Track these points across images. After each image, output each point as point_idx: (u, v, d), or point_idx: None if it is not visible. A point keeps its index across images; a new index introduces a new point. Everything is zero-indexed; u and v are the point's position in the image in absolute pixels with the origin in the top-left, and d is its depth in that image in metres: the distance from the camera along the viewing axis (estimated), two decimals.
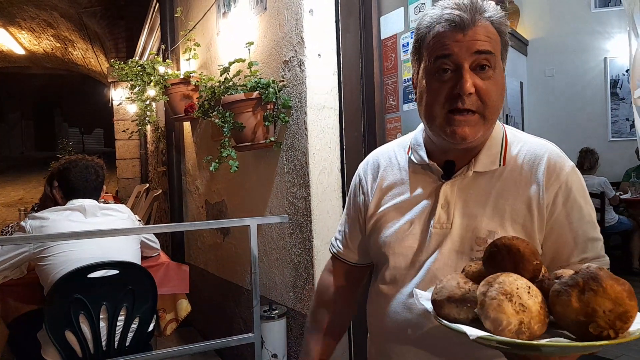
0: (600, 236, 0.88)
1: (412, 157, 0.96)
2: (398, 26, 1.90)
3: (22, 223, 1.86)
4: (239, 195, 2.68)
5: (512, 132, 0.93)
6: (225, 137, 2.13)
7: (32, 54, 9.93)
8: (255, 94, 2.07)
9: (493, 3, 0.87)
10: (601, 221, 4.46)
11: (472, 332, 0.61)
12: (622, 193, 4.86)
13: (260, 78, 2.13)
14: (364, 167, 1.06)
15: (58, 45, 9.19)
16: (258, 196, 2.41)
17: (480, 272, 0.70)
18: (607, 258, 0.87)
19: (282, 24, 2.10)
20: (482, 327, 0.63)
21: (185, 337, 3.39)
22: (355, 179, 1.08)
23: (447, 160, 0.90)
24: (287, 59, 2.07)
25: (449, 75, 0.82)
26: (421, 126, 0.99)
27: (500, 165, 0.88)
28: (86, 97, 15.52)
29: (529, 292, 0.61)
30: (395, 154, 1.02)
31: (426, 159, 0.93)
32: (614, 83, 5.67)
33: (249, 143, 2.15)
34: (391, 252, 0.94)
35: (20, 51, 9.48)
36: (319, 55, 1.99)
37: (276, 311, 2.10)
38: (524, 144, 0.90)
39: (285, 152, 2.12)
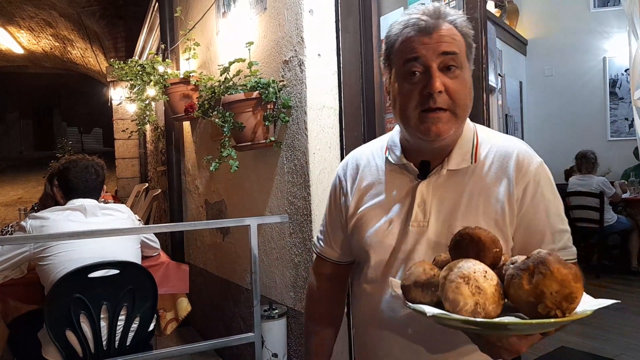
0: (568, 228, 0.92)
1: (390, 158, 1.00)
2: None
3: (23, 223, 1.86)
4: (239, 195, 2.68)
5: (482, 131, 0.98)
6: (225, 136, 2.13)
7: (31, 53, 9.91)
8: (255, 94, 2.07)
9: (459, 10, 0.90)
10: (600, 220, 4.48)
11: (430, 310, 0.66)
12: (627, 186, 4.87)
13: (260, 78, 2.13)
14: (344, 168, 1.09)
15: (57, 44, 9.17)
16: (258, 196, 2.41)
17: (448, 260, 0.74)
18: (574, 249, 0.92)
19: (282, 23, 2.10)
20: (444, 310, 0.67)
21: (184, 336, 3.39)
22: (335, 180, 1.11)
23: (422, 160, 0.95)
24: (287, 59, 2.08)
25: (419, 77, 0.87)
26: (398, 127, 1.02)
27: (472, 162, 0.92)
28: (85, 96, 15.51)
29: (485, 276, 0.65)
30: (373, 155, 1.05)
31: (403, 159, 0.97)
32: (613, 83, 5.68)
33: (249, 143, 2.15)
34: (372, 251, 0.97)
35: (19, 50, 9.46)
36: (319, 55, 1.99)
37: (276, 311, 2.10)
38: (494, 142, 0.95)
39: (285, 151, 2.12)
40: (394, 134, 1.03)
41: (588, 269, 4.77)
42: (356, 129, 2.04)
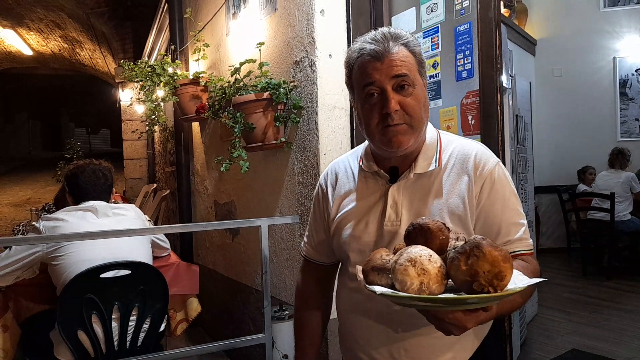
0: (524, 222, 1.01)
1: (363, 166, 1.11)
2: (410, 26, 1.89)
3: (36, 224, 1.87)
4: (249, 196, 2.68)
5: (446, 137, 1.09)
6: (235, 137, 2.13)
7: (40, 54, 9.98)
8: (265, 95, 2.07)
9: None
10: (610, 222, 4.44)
11: (380, 289, 0.74)
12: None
13: (270, 78, 2.13)
14: (324, 178, 1.21)
15: (66, 46, 9.24)
16: (268, 197, 2.41)
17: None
18: (531, 241, 1.01)
19: (293, 24, 2.10)
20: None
21: (193, 337, 3.40)
22: (317, 189, 1.22)
23: (391, 166, 1.05)
24: (298, 60, 2.07)
25: (376, 98, 0.97)
26: None
27: (436, 165, 1.03)
28: (93, 97, 15.61)
29: (430, 259, 0.73)
30: (350, 164, 1.16)
31: (374, 166, 1.07)
32: (623, 83, 5.62)
33: (259, 144, 2.15)
34: (351, 250, 1.07)
35: (28, 52, 9.53)
36: (330, 55, 1.99)
37: (286, 312, 2.10)
38: (455, 145, 1.06)
39: (296, 152, 2.12)
40: (366, 144, 1.13)
41: (599, 270, 4.74)
42: None
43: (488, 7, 1.59)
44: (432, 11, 1.80)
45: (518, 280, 0.74)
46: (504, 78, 1.72)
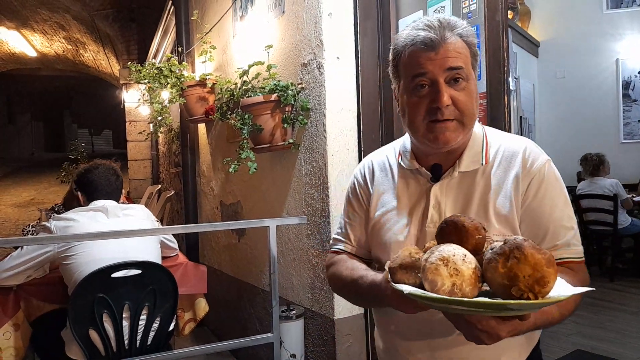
0: (574, 226, 0.93)
1: (402, 163, 1.04)
2: None
3: (47, 224, 1.89)
4: (255, 197, 2.70)
5: (492, 132, 1.02)
6: (243, 138, 2.15)
7: (44, 55, 10.04)
8: (274, 97, 2.09)
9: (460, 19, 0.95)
10: (613, 223, 4.45)
11: (407, 289, 0.69)
12: (634, 195, 4.83)
13: (279, 81, 2.15)
14: (362, 171, 1.13)
15: (69, 47, 9.28)
16: (274, 197, 2.43)
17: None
18: (581, 248, 0.92)
19: (301, 27, 2.12)
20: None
21: (199, 337, 3.42)
22: (353, 181, 1.14)
23: (434, 163, 0.98)
24: (306, 62, 2.09)
25: (426, 90, 0.90)
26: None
27: (482, 163, 0.96)
28: (96, 98, 15.68)
29: (464, 259, 0.68)
30: (388, 160, 1.09)
31: (415, 164, 1.00)
32: (626, 84, 5.63)
33: (267, 145, 2.17)
34: (393, 253, 0.98)
35: (32, 53, 9.59)
36: (338, 58, 2.01)
37: (294, 312, 2.12)
38: (502, 142, 0.98)
39: (304, 154, 2.14)
40: (405, 139, 1.06)
41: (602, 272, 4.74)
42: (374, 131, 2.05)
43: (495, 11, 1.61)
44: (439, 14, 1.82)
45: (562, 289, 0.67)
46: (510, 80, 1.74)
